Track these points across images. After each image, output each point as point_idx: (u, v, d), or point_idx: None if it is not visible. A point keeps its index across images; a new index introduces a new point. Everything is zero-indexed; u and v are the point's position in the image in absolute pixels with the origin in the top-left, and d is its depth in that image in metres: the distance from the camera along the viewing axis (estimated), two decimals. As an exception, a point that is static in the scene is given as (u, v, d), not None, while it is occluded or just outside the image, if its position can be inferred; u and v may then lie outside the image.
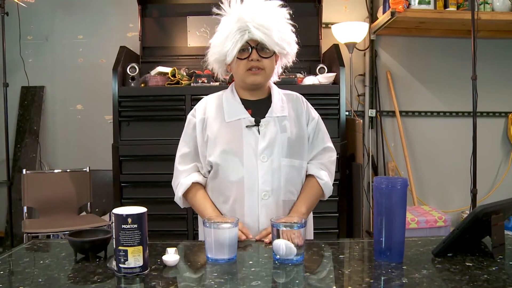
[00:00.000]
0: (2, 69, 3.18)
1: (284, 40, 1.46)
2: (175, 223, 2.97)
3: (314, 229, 1.66)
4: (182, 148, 1.56)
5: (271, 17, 1.43)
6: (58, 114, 3.75)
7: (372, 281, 1.04)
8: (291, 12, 1.51)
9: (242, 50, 1.44)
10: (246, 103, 1.52)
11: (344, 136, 2.98)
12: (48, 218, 2.97)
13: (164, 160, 2.74)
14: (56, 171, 3.17)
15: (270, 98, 1.54)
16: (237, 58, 1.45)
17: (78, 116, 3.75)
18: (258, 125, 1.48)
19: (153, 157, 2.93)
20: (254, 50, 1.43)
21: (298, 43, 1.54)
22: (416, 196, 3.67)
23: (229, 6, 1.46)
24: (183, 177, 1.53)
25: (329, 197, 1.61)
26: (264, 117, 1.49)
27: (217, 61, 1.51)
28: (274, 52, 1.47)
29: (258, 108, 1.52)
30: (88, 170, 3.17)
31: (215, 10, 1.48)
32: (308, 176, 1.56)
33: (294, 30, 1.51)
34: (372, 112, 3.75)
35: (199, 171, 1.55)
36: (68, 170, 3.15)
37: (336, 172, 2.95)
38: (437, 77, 3.81)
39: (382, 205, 1.17)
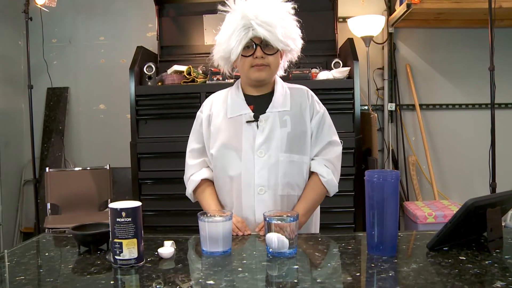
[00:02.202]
0: (27, 72, 3.31)
1: (288, 36, 1.46)
2: (193, 218, 2.99)
3: (331, 224, 1.66)
4: (191, 144, 1.62)
5: (275, 14, 1.43)
6: (82, 114, 3.88)
7: (358, 274, 1.04)
8: (296, 7, 1.50)
9: (247, 47, 1.45)
10: (249, 99, 1.54)
11: (359, 131, 2.96)
12: (70, 215, 3.09)
13: (181, 157, 2.74)
14: (77, 169, 3.29)
15: (274, 93, 1.55)
16: (242, 55, 1.47)
17: (101, 115, 3.87)
18: (257, 121, 1.50)
19: (170, 154, 2.99)
20: (259, 47, 1.44)
21: (303, 38, 1.54)
22: (437, 190, 3.60)
23: (234, 2, 1.47)
24: (193, 171, 1.58)
25: (345, 192, 1.58)
26: (265, 112, 1.51)
27: (222, 58, 1.53)
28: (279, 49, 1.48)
29: (260, 103, 1.53)
30: (108, 168, 3.26)
31: (220, 7, 1.50)
32: (311, 173, 1.55)
33: (298, 25, 1.51)
34: (391, 106, 3.70)
35: (208, 166, 1.59)
36: (88, 168, 3.26)
37: (351, 166, 2.98)
38: (457, 69, 3.71)
39: (373, 199, 1.17)
